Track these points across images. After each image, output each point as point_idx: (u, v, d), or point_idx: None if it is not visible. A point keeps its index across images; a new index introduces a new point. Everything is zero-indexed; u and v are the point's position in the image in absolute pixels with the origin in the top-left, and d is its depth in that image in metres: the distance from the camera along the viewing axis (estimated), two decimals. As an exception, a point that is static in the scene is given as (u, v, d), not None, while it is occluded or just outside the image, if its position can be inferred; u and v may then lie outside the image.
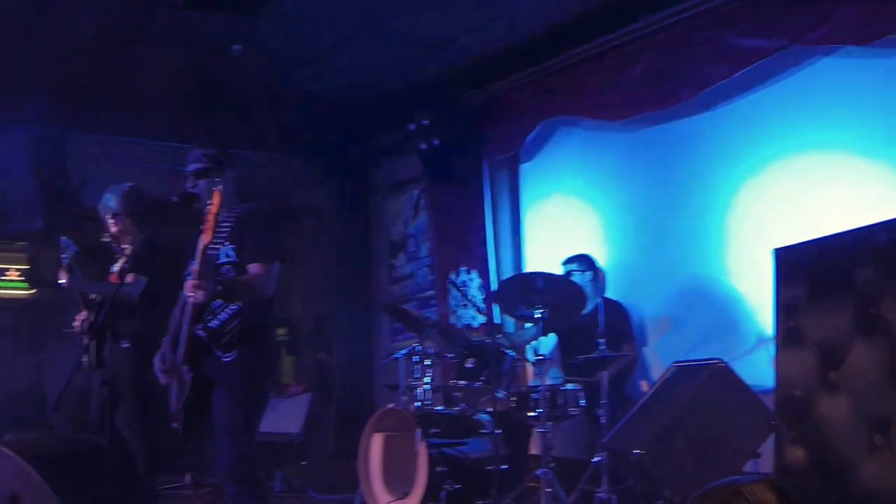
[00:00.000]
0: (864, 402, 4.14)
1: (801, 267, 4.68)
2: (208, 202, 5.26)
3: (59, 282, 7.48)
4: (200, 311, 5.36)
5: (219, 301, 5.42)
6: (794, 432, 4.53)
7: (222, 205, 5.57)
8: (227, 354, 5.36)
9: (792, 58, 7.45)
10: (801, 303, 4.61)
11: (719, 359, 6.69)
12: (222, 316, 5.39)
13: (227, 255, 5.46)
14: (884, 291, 4.10)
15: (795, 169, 7.42)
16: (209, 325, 5.38)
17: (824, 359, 4.36)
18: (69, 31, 8.51)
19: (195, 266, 5.20)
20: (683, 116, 8.37)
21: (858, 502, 4.13)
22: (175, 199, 5.73)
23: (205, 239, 5.16)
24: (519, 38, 9.20)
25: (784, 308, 4.72)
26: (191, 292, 5.15)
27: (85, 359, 7.40)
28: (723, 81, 7.75)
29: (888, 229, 4.34)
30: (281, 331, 13.89)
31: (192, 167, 5.71)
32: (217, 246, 5.48)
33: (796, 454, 4.50)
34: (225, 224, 5.55)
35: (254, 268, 5.41)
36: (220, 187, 5.38)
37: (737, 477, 3.31)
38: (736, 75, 7.65)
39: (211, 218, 5.20)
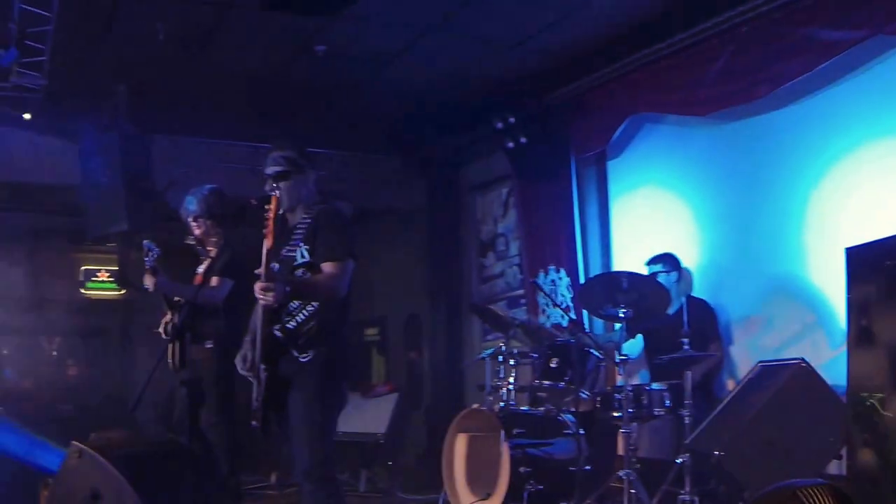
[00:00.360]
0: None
1: (873, 266, 4.59)
2: (266, 207, 5.31)
3: (145, 286, 7.61)
4: (277, 312, 5.42)
5: (296, 302, 5.46)
6: (865, 434, 4.46)
7: (296, 208, 5.64)
8: (304, 355, 5.39)
9: (873, 49, 7.28)
10: (873, 302, 4.52)
11: (802, 359, 6.58)
12: (300, 317, 5.41)
13: (302, 256, 5.48)
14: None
15: (878, 162, 7.24)
16: (287, 325, 5.40)
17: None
18: (150, 33, 8.59)
19: (261, 269, 5.24)
20: (767, 110, 8.22)
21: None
22: (254, 201, 5.76)
23: (266, 244, 5.20)
24: (602, 35, 9.14)
25: (856, 307, 4.65)
26: (259, 295, 5.19)
27: (169, 360, 7.52)
28: (805, 75, 7.60)
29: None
30: (371, 331, 14.07)
31: (270, 170, 5.71)
32: (294, 247, 5.52)
33: (866, 456, 4.43)
34: (301, 225, 5.59)
35: (326, 267, 5.41)
36: (277, 192, 5.41)
37: (795, 480, 3.27)
38: (818, 68, 7.50)
39: (269, 223, 5.23)
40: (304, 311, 5.41)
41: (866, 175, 7.30)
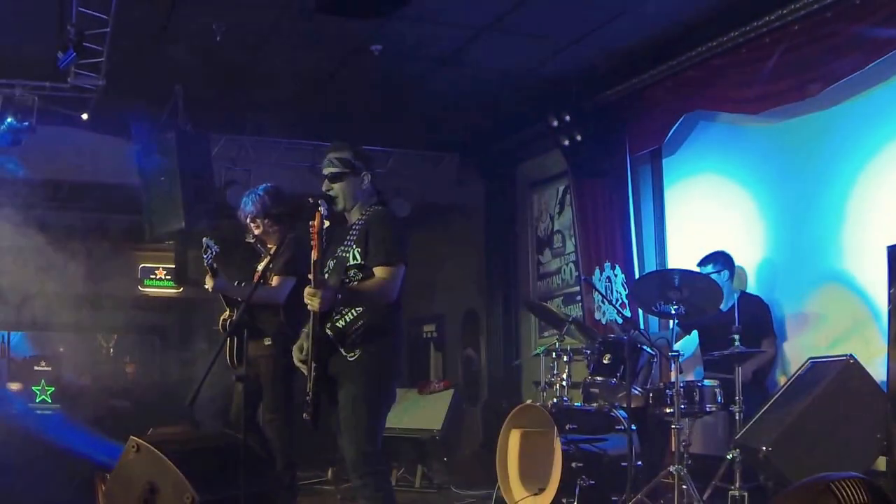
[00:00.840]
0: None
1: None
2: (311, 222, 5.40)
3: (206, 286, 7.77)
4: (328, 311, 5.53)
5: None
6: (906, 431, 4.50)
7: (353, 208, 5.74)
8: (351, 354, 5.48)
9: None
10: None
11: (850, 355, 6.63)
12: (348, 317, 5.49)
13: (355, 258, 5.56)
14: None
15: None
16: (336, 324, 5.50)
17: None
18: (206, 34, 8.77)
19: (311, 275, 5.34)
20: (820, 108, 8.25)
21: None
22: (311, 199, 5.86)
23: (313, 255, 5.30)
24: (656, 34, 9.20)
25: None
26: (307, 300, 5.31)
27: (227, 357, 7.66)
28: (857, 72, 7.62)
29: None
30: (429, 327, 14.20)
31: (326, 171, 5.82)
32: (348, 248, 5.62)
33: (907, 453, 4.48)
34: (356, 226, 5.69)
35: (377, 272, 5.49)
36: (322, 209, 5.48)
37: (829, 473, 3.32)
38: (870, 66, 7.51)
39: (314, 236, 5.33)
40: (353, 311, 5.50)
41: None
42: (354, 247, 5.58)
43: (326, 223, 5.45)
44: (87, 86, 9.15)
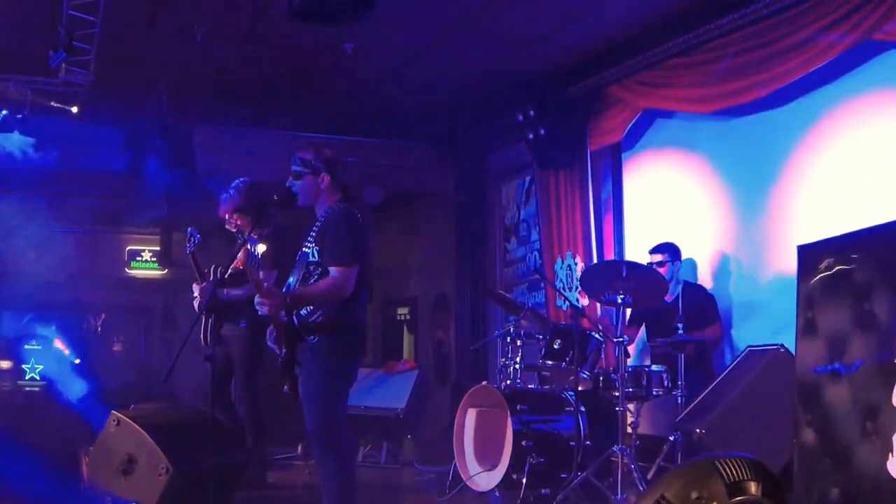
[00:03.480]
0: (859, 391, 4.53)
1: (818, 262, 5.05)
2: (238, 255, 5.76)
3: (193, 297, 8.19)
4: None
5: None
6: (808, 416, 4.93)
7: (314, 205, 6.09)
8: (312, 337, 5.86)
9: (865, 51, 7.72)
10: (816, 296, 4.99)
11: (781, 344, 7.05)
12: (310, 307, 5.87)
13: (314, 255, 5.92)
14: (873, 289, 4.50)
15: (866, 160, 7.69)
16: (300, 312, 5.86)
17: (831, 349, 4.75)
18: (189, 33, 9.19)
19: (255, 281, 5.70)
20: (771, 107, 8.66)
21: (856, 483, 4.53)
22: (275, 197, 6.23)
23: (237, 263, 5.77)
24: (615, 34, 9.60)
25: (803, 300, 5.10)
26: (257, 307, 5.73)
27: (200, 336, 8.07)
28: (802, 74, 8.02)
29: (887, 232, 4.72)
30: (403, 310, 14.59)
31: (291, 169, 6.18)
32: (309, 244, 5.98)
33: (809, 436, 4.90)
34: (318, 223, 6.04)
35: (332, 271, 5.82)
36: (251, 244, 5.69)
37: (716, 452, 3.68)
38: (814, 68, 7.92)
39: (239, 264, 5.83)
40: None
41: (860, 171, 7.76)
42: (313, 244, 5.93)
43: (262, 247, 5.76)
44: (77, 81, 9.55)
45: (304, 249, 6.00)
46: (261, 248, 5.61)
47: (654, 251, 8.81)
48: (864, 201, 7.60)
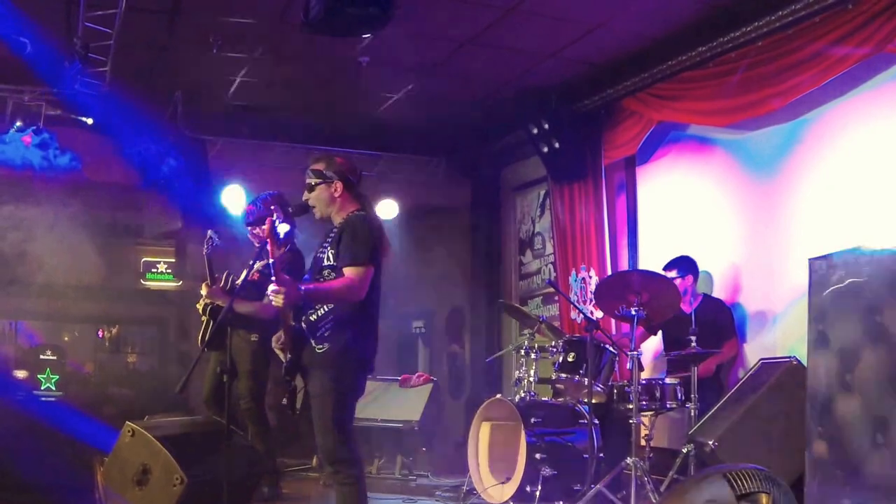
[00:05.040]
0: (871, 403, 4.55)
1: (829, 275, 5.07)
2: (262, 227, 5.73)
3: (201, 291, 8.25)
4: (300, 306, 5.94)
5: None
6: (820, 428, 4.95)
7: (330, 214, 6.11)
8: (320, 347, 5.80)
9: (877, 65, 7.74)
10: (828, 309, 5.01)
11: (794, 357, 7.06)
12: (321, 311, 5.80)
13: (329, 259, 5.89)
14: (884, 302, 4.51)
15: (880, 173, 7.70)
16: (310, 317, 5.83)
17: (843, 361, 4.76)
18: (205, 46, 9.31)
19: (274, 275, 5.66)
20: (786, 119, 8.68)
21: (867, 494, 4.55)
22: (290, 209, 6.27)
23: (270, 255, 5.64)
24: (629, 47, 9.65)
25: (815, 313, 5.12)
26: (272, 297, 5.62)
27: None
28: (816, 87, 8.04)
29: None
30: (418, 323, 14.60)
31: (306, 181, 6.23)
32: (324, 250, 5.98)
33: (820, 448, 4.92)
34: (334, 230, 6.04)
35: (346, 272, 5.77)
36: (275, 218, 5.81)
37: (727, 465, 3.70)
38: (827, 81, 7.94)
39: (269, 244, 5.70)
40: (325, 306, 5.86)
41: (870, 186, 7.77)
42: (329, 249, 5.91)
43: (285, 226, 5.73)
44: (93, 92, 9.61)
45: (318, 255, 6.01)
46: (283, 228, 5.60)
47: (667, 267, 8.83)
48: (876, 214, 7.60)
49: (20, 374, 13.98)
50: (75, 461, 8.51)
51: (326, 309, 5.80)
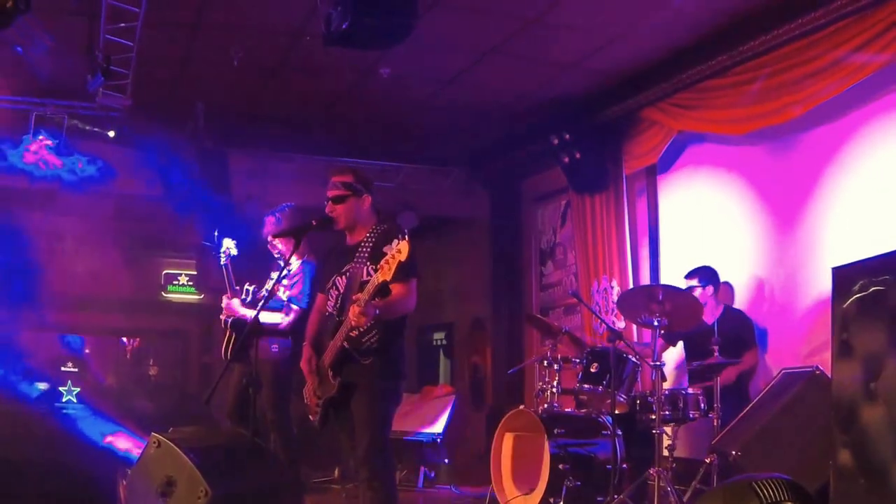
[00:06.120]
0: (895, 411, 4.51)
1: (852, 284, 5.03)
2: (393, 248, 5.56)
3: (222, 304, 8.25)
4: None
5: None
6: (844, 437, 4.91)
7: (355, 227, 6.14)
8: (365, 360, 5.90)
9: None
10: (852, 317, 4.97)
11: (817, 366, 7.03)
12: (363, 328, 5.88)
13: (369, 274, 5.89)
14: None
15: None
16: (351, 334, 5.90)
17: (867, 370, 4.73)
18: (226, 58, 9.31)
19: (361, 296, 5.69)
20: (806, 128, 8.68)
21: (892, 502, 4.51)
22: (314, 222, 6.27)
23: (381, 276, 5.52)
24: (649, 57, 9.64)
25: (838, 321, 5.08)
26: (354, 318, 5.69)
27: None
28: (836, 95, 8.01)
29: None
30: (439, 335, 14.61)
31: (329, 193, 6.24)
32: (360, 265, 6.01)
33: (845, 457, 4.88)
34: (365, 245, 6.07)
35: (396, 288, 5.80)
36: (405, 236, 5.64)
37: (754, 474, 3.68)
38: (847, 89, 7.91)
39: (390, 261, 5.49)
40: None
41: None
42: (369, 263, 5.94)
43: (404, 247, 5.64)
44: (114, 105, 9.64)
45: (351, 270, 6.02)
46: (404, 249, 5.53)
47: (688, 276, 8.83)
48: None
49: (40, 386, 14.03)
50: (97, 473, 8.51)
51: (370, 324, 5.85)
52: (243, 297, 8.31)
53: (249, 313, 8.02)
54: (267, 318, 7.94)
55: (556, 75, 10.15)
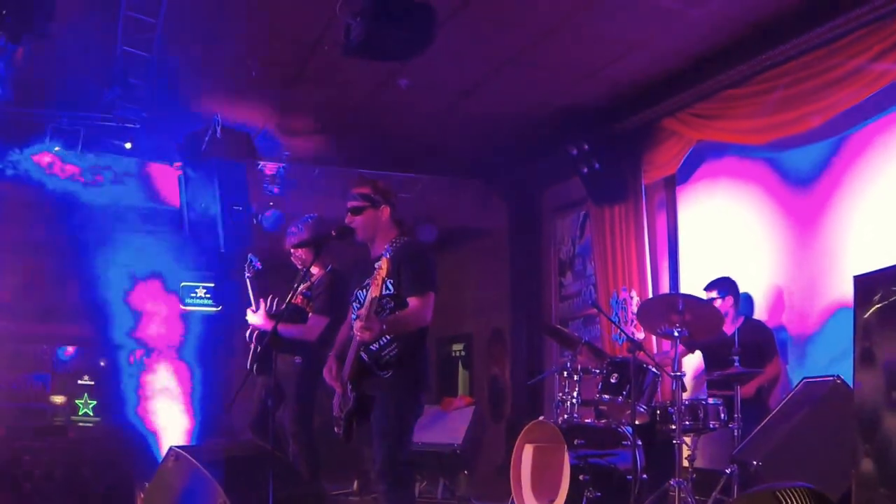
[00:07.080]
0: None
1: (874, 292, 5.01)
2: (377, 264, 5.75)
3: (247, 318, 8.26)
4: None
5: None
6: (866, 445, 4.88)
7: (374, 239, 6.13)
8: (385, 373, 5.91)
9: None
10: (874, 326, 4.94)
11: (837, 375, 6.99)
12: (382, 341, 5.88)
13: (387, 288, 5.90)
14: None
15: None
16: (370, 348, 5.91)
17: (890, 378, 4.70)
18: (243, 69, 9.37)
19: (363, 311, 5.73)
20: (825, 137, 8.66)
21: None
22: (333, 232, 6.28)
23: (373, 293, 5.68)
24: (667, 67, 9.64)
25: (860, 330, 5.05)
26: (358, 333, 5.71)
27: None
28: (854, 104, 8.01)
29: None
30: (457, 346, 14.60)
31: (349, 204, 6.24)
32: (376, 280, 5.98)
33: (867, 466, 4.85)
34: (384, 258, 5.95)
35: (412, 301, 5.88)
36: (387, 256, 5.83)
37: (777, 483, 3.66)
38: (865, 98, 7.92)
39: (378, 279, 5.69)
40: (386, 336, 5.89)
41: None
42: (387, 278, 5.88)
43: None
44: (131, 116, 9.68)
45: (369, 284, 5.96)
46: (384, 265, 5.59)
47: (707, 287, 8.80)
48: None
49: (57, 399, 14.05)
50: (114, 486, 8.54)
51: (388, 339, 5.88)
52: (267, 308, 8.31)
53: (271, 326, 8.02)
54: (288, 330, 7.95)
55: (575, 85, 10.15)
